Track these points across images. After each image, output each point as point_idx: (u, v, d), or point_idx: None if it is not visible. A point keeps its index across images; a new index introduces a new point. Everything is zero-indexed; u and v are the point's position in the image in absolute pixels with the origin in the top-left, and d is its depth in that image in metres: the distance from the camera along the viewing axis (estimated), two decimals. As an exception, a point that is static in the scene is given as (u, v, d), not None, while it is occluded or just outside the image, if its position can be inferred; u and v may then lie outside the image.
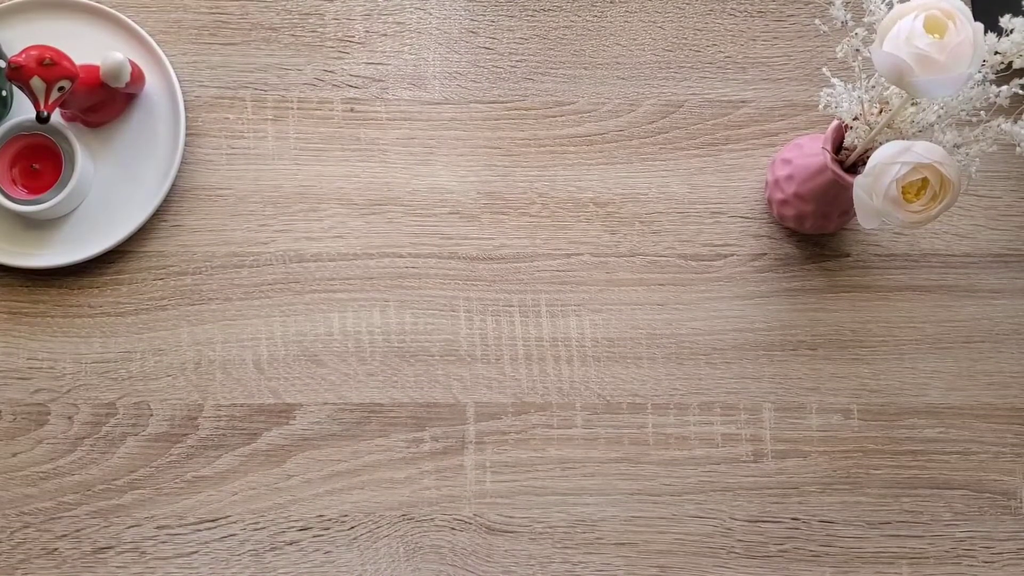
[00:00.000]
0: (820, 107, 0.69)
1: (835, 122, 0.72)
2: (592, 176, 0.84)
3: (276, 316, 0.81)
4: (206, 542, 0.78)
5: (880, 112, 0.68)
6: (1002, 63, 0.60)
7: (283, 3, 0.86)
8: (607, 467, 0.79)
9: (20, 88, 0.73)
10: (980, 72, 0.60)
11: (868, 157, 0.63)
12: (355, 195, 0.83)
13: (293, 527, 0.78)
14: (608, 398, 0.80)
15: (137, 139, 0.82)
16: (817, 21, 0.69)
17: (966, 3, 0.68)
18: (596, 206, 0.83)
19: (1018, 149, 0.62)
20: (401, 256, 0.82)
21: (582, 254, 0.82)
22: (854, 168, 0.71)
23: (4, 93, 0.80)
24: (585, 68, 0.86)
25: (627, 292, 0.82)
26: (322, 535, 0.78)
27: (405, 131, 0.84)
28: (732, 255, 0.83)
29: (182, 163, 0.82)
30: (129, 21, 0.83)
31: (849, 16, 0.64)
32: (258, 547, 0.77)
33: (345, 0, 0.86)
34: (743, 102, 0.85)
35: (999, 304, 0.83)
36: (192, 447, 0.79)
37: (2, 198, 0.78)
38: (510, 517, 0.78)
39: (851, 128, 0.70)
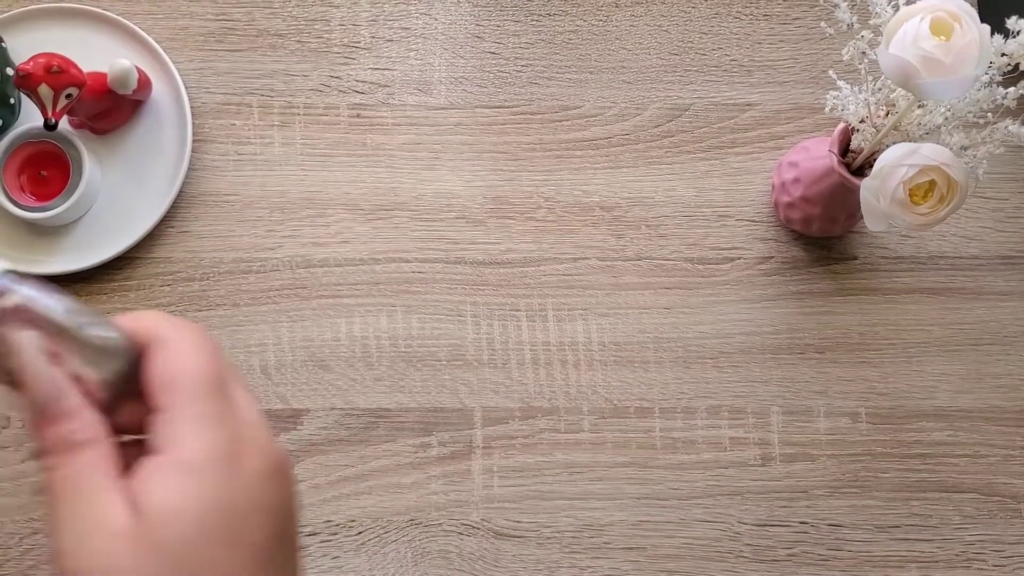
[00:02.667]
0: (826, 110, 0.69)
1: (841, 125, 0.72)
2: (598, 180, 0.84)
3: (283, 321, 0.81)
4: (214, 548, 0.77)
5: (887, 114, 0.68)
6: (1009, 65, 0.60)
7: (289, 9, 0.86)
8: (614, 471, 0.79)
9: (28, 95, 0.74)
10: (987, 74, 0.60)
11: (875, 160, 0.63)
12: (361, 200, 0.83)
13: (301, 532, 0.78)
14: (615, 402, 0.80)
15: (144, 146, 0.83)
16: (823, 24, 0.69)
17: (972, 5, 0.67)
18: (602, 210, 0.83)
19: (1025, 151, 0.62)
20: (408, 261, 0.82)
21: (588, 258, 0.82)
22: (861, 171, 0.71)
23: (12, 100, 0.80)
24: (591, 72, 0.86)
25: (634, 296, 0.82)
26: (330, 540, 0.78)
27: (411, 136, 0.84)
28: (739, 258, 0.83)
29: (189, 169, 0.82)
30: (136, 28, 0.83)
31: (855, 18, 0.64)
32: (266, 552, 0.77)
33: (351, 6, 0.86)
34: (749, 105, 0.85)
35: (1007, 306, 0.82)
36: (200, 453, 0.79)
37: (10, 205, 0.78)
38: (517, 522, 0.78)
39: (857, 131, 0.70)
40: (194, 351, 0.37)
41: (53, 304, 0.36)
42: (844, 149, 0.73)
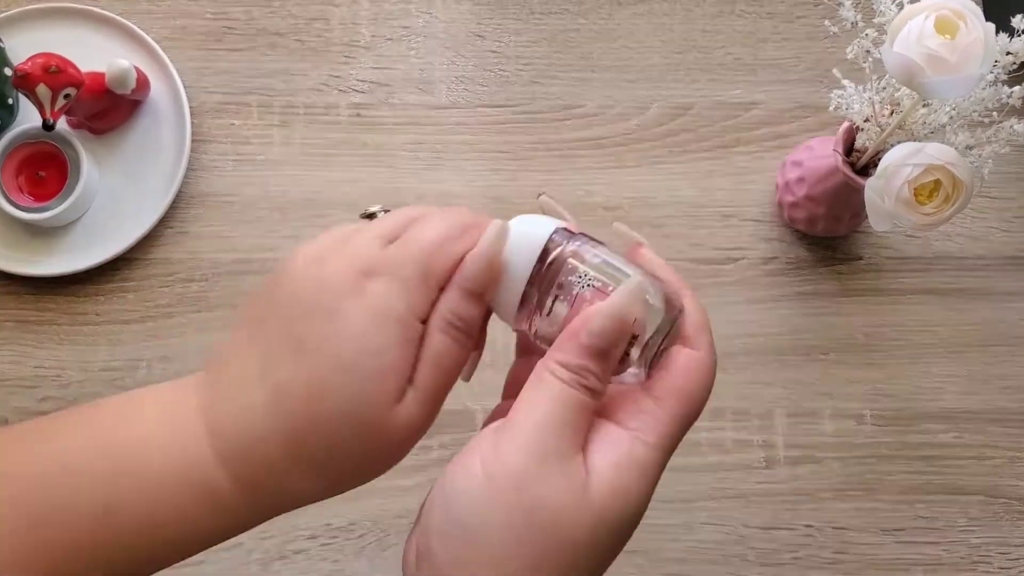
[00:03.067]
0: (831, 109, 0.68)
1: (846, 124, 0.71)
2: (601, 180, 0.83)
3: (283, 323, 0.80)
4: (214, 551, 0.77)
5: (891, 113, 0.68)
6: (1014, 63, 0.59)
7: (289, 8, 0.86)
8: (617, 474, 0.78)
9: (26, 95, 0.74)
10: (991, 73, 0.60)
11: (879, 159, 0.62)
12: (362, 201, 0.82)
13: (301, 535, 0.77)
14: (618, 404, 0.79)
15: (143, 146, 0.82)
16: (827, 22, 0.69)
17: (977, 3, 0.67)
18: (605, 210, 0.83)
19: (1032, 150, 0.62)
20: (408, 262, 0.81)
21: (591, 259, 0.82)
22: (865, 170, 0.71)
23: (10, 101, 0.80)
24: (593, 71, 0.85)
25: (636, 297, 0.81)
26: (330, 543, 0.77)
27: (412, 136, 0.84)
28: (743, 259, 0.82)
29: (188, 169, 0.81)
30: (134, 28, 0.83)
31: (859, 17, 0.64)
32: (266, 556, 0.77)
33: (351, 5, 0.86)
34: (753, 104, 0.85)
35: (1013, 307, 0.82)
36: (199, 455, 0.78)
37: (8, 206, 0.78)
38: (519, 524, 0.78)
39: (862, 130, 0.69)
40: (711, 376, 0.39)
41: (615, 261, 0.41)
42: (848, 148, 0.72)
